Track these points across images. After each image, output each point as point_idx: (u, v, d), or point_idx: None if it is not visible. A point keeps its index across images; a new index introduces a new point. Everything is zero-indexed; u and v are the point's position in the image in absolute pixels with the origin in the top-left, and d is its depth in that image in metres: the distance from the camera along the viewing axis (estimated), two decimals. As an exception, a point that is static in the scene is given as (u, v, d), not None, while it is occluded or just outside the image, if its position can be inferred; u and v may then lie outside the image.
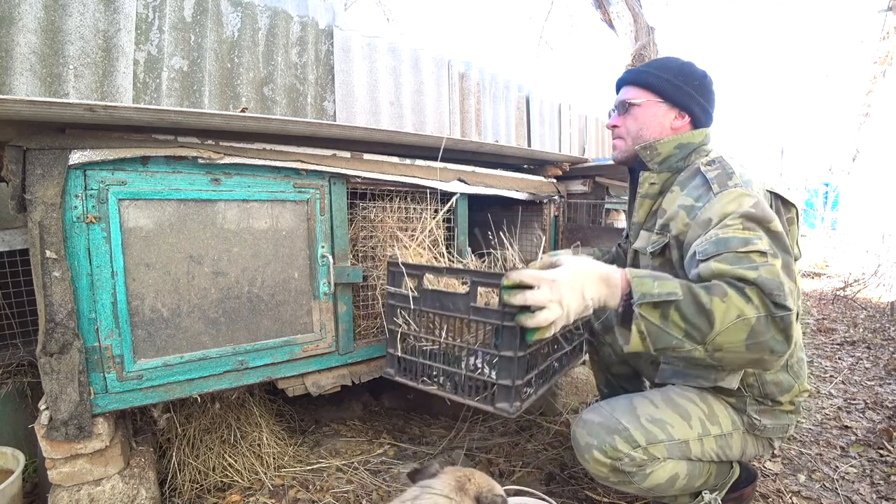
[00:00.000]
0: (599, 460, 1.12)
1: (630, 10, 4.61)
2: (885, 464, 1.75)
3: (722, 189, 1.06)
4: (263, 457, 1.65)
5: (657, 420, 1.14)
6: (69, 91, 2.20)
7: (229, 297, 1.28)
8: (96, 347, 1.11)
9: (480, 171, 1.81)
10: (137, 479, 1.22)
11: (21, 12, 2.07)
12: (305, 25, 3.05)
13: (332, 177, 1.43)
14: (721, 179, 1.09)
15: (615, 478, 1.14)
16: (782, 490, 1.59)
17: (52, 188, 1.02)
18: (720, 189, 1.06)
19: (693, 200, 1.12)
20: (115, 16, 2.31)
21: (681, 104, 1.24)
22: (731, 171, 1.10)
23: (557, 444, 1.91)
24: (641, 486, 1.14)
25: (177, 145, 1.16)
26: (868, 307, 4.36)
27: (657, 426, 1.13)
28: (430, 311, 1.24)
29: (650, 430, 1.12)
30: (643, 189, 1.29)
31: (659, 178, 1.26)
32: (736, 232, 0.97)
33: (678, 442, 1.13)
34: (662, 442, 1.12)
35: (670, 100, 1.24)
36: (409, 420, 2.25)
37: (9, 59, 2.05)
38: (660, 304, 0.91)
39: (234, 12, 2.77)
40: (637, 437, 1.10)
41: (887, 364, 2.84)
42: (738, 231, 0.97)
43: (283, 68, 2.96)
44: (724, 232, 0.98)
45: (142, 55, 2.44)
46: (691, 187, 1.15)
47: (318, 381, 1.48)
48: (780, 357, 0.90)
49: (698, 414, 1.17)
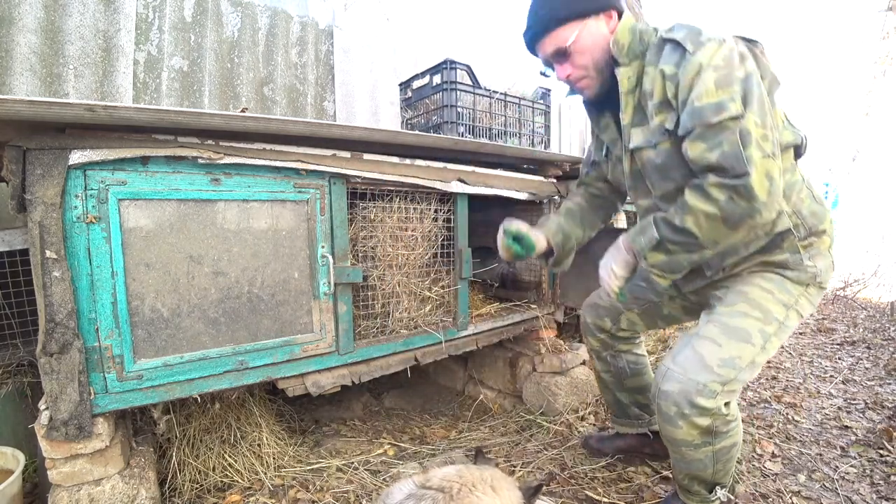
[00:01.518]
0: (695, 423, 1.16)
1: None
2: (885, 464, 1.75)
3: (697, 47, 1.07)
4: (263, 457, 1.65)
5: (725, 360, 1.17)
6: (69, 91, 2.20)
7: (229, 297, 1.28)
8: (96, 347, 1.11)
9: (480, 172, 1.81)
10: (137, 479, 1.22)
11: (21, 12, 2.07)
12: (305, 25, 3.05)
13: (332, 177, 1.43)
14: (692, 37, 1.09)
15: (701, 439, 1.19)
16: (782, 490, 1.59)
17: (52, 188, 1.02)
18: (695, 47, 1.07)
19: (673, 66, 1.11)
20: (115, 16, 2.31)
21: (594, 7, 1.22)
22: (698, 29, 1.11)
23: (557, 444, 1.91)
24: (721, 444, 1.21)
25: (177, 145, 1.16)
26: (868, 307, 4.36)
27: (727, 366, 1.16)
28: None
29: (723, 374, 1.16)
30: (624, 86, 1.25)
31: (632, 68, 1.23)
32: (709, 97, 1.03)
33: (748, 364, 1.18)
34: (735, 379, 1.17)
35: (589, 12, 1.22)
36: (410, 420, 2.25)
37: (9, 59, 2.05)
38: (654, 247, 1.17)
39: (234, 12, 2.77)
40: (714, 388, 1.15)
41: (887, 364, 2.84)
42: (710, 96, 1.03)
43: (283, 68, 2.96)
44: (699, 98, 1.04)
45: (142, 55, 2.44)
46: (664, 56, 1.14)
47: (318, 381, 1.48)
48: (761, 214, 1.05)
49: (756, 326, 1.20)
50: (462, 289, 1.81)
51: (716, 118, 1.02)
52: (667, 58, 1.13)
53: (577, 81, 1.31)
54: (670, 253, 1.16)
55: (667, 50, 1.14)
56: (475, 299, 2.20)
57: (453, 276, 1.82)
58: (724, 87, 1.03)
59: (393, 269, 1.68)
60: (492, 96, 2.34)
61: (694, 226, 1.09)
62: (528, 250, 1.49)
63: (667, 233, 1.14)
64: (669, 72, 1.12)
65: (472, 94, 2.27)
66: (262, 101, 2.90)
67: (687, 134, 1.09)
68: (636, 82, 1.23)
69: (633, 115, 1.27)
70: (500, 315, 2.06)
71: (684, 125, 1.09)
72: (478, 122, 2.31)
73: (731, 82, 1.03)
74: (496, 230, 1.52)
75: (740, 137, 1.01)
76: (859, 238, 6.64)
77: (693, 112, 1.06)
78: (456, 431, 2.08)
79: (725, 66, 1.04)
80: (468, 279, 1.83)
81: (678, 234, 1.13)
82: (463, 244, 1.79)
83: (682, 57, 1.10)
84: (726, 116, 1.02)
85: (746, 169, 1.01)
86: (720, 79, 1.03)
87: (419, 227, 1.71)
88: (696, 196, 1.08)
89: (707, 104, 1.03)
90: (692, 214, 1.09)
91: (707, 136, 1.05)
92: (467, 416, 2.23)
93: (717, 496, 1.30)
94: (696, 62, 1.06)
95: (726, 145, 1.02)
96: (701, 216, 1.08)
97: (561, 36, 1.23)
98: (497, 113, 2.39)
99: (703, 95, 1.04)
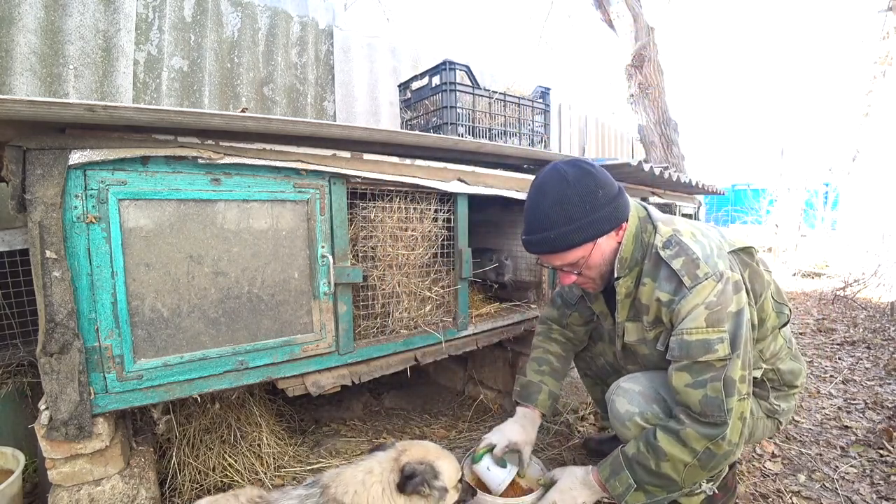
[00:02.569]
0: (641, 426, 1.21)
1: (630, 10, 4.61)
2: (885, 464, 1.75)
3: (694, 283, 1.10)
4: (263, 457, 1.65)
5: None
6: (69, 91, 2.20)
7: (229, 297, 1.28)
8: (96, 347, 1.11)
9: (480, 172, 1.81)
10: (137, 479, 1.22)
11: (21, 12, 2.07)
12: (305, 25, 3.05)
13: (332, 177, 1.43)
14: (689, 269, 1.12)
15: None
16: (782, 490, 1.59)
17: (52, 188, 1.02)
18: (692, 283, 1.10)
19: (669, 295, 1.15)
20: (115, 16, 2.32)
21: (608, 228, 1.18)
22: (695, 257, 1.12)
23: (557, 444, 1.91)
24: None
25: (177, 145, 1.16)
26: (868, 307, 4.36)
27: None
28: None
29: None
30: (622, 293, 1.27)
31: (630, 276, 1.25)
32: (699, 334, 1.07)
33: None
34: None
35: (600, 235, 1.17)
36: (409, 420, 2.25)
37: (9, 59, 2.05)
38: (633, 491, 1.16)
39: (234, 12, 2.77)
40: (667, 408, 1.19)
41: (887, 364, 2.84)
42: (700, 333, 1.07)
43: (283, 68, 2.96)
44: (689, 332, 1.08)
45: (142, 55, 2.45)
46: (662, 280, 1.16)
47: (318, 381, 1.48)
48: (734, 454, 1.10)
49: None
50: (462, 289, 1.81)
51: (703, 357, 1.07)
52: (663, 284, 1.16)
53: (581, 285, 1.33)
54: (649, 493, 1.18)
55: (664, 274, 1.16)
56: (475, 299, 2.20)
57: (453, 276, 1.82)
58: (715, 326, 1.07)
59: (393, 269, 1.68)
60: (491, 96, 2.34)
61: (672, 471, 1.12)
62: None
63: (644, 477, 1.15)
64: (665, 299, 1.15)
65: (471, 94, 2.27)
66: (262, 101, 2.90)
67: (674, 360, 1.12)
68: (633, 287, 1.25)
69: (629, 313, 1.31)
70: (499, 315, 2.06)
71: (672, 351, 1.13)
72: (477, 123, 2.31)
73: (721, 321, 1.07)
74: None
75: (724, 386, 1.06)
76: (859, 238, 6.64)
77: (682, 344, 1.10)
78: (456, 431, 2.08)
79: (718, 303, 1.08)
80: (468, 279, 1.83)
81: (656, 478, 1.14)
82: (463, 244, 1.79)
83: (678, 288, 1.12)
84: (713, 358, 1.06)
85: (726, 420, 1.06)
86: (711, 317, 1.07)
87: (419, 227, 1.71)
88: (672, 443, 1.11)
89: (696, 341, 1.07)
90: (669, 461, 1.11)
91: (693, 370, 1.09)
92: (467, 416, 2.23)
93: (701, 489, 1.30)
94: (692, 302, 1.09)
95: (710, 390, 1.06)
96: (679, 463, 1.10)
97: (571, 256, 1.19)
98: (496, 113, 2.39)
99: (694, 331, 1.08)
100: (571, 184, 1.14)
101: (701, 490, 1.31)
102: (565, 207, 1.13)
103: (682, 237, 1.17)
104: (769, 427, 1.35)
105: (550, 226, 1.15)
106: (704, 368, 1.08)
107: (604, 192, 1.16)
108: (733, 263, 1.16)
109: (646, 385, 1.24)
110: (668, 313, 1.15)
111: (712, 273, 1.09)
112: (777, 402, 1.30)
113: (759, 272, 1.25)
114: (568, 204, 1.13)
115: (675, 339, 1.12)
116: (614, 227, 1.19)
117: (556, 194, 1.14)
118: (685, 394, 1.10)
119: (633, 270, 1.24)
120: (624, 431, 1.25)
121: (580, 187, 1.14)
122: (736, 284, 1.11)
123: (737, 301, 1.10)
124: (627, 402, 1.23)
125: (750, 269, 1.22)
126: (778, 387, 1.31)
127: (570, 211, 1.13)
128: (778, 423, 1.36)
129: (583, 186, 1.14)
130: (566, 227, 1.14)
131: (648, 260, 1.21)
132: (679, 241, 1.16)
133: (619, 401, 1.25)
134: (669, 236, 1.18)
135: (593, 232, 1.16)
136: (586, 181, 1.15)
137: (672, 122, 4.82)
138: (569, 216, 1.13)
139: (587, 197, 1.14)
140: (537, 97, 2.59)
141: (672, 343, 1.13)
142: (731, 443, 1.08)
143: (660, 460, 1.12)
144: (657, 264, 1.18)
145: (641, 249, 1.22)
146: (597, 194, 1.14)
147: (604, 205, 1.15)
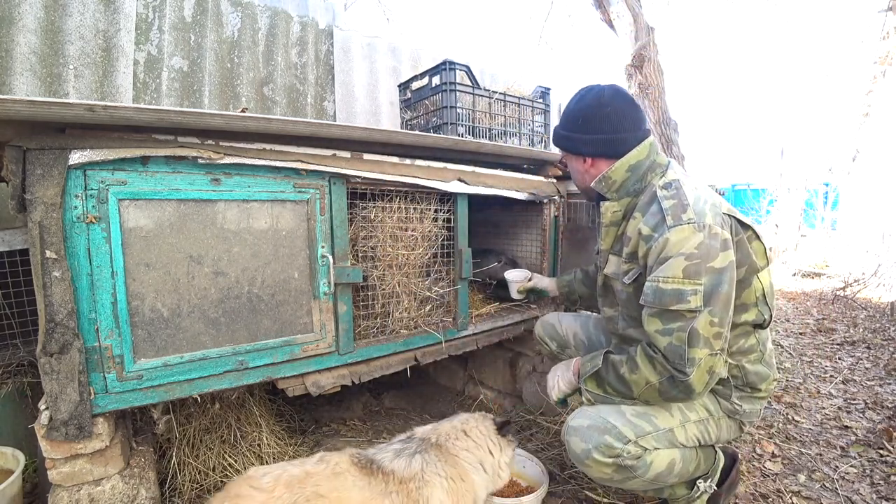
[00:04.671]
0: (601, 461, 1.17)
1: (630, 10, 4.60)
2: (885, 464, 1.75)
3: (675, 223, 1.11)
4: (263, 457, 1.65)
5: (641, 413, 1.21)
6: (69, 91, 2.20)
7: (229, 297, 1.28)
8: (96, 347, 1.11)
9: (480, 171, 1.81)
10: (137, 479, 1.22)
11: (21, 12, 2.07)
12: (305, 25, 3.05)
13: (332, 177, 1.43)
14: (675, 211, 1.13)
15: (619, 475, 1.18)
16: (782, 490, 1.59)
17: (52, 188, 1.02)
18: (674, 223, 1.11)
19: (650, 230, 1.16)
20: (115, 16, 2.32)
21: (584, 153, 1.32)
22: (686, 202, 1.14)
23: (557, 444, 1.91)
24: (646, 477, 1.19)
25: (177, 145, 1.16)
26: (868, 307, 4.36)
27: (642, 419, 1.20)
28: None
29: (637, 424, 1.19)
30: (606, 218, 1.33)
31: (620, 204, 1.31)
32: (674, 283, 1.09)
33: (664, 431, 1.21)
34: (650, 433, 1.19)
35: (576, 152, 1.34)
36: (410, 420, 2.25)
37: (9, 59, 2.05)
38: (593, 375, 1.26)
39: (234, 12, 2.77)
40: (626, 433, 1.17)
41: (887, 364, 2.84)
42: (675, 282, 1.09)
43: (283, 68, 2.96)
44: (665, 281, 1.10)
45: (142, 55, 2.45)
46: (649, 214, 1.19)
47: (318, 381, 1.48)
48: (690, 398, 1.15)
49: (676, 404, 1.25)
50: (462, 289, 1.81)
51: (674, 306, 1.09)
52: (649, 218, 1.19)
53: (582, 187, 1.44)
54: (606, 392, 1.25)
55: (653, 208, 1.19)
56: (475, 299, 2.19)
57: (453, 277, 1.82)
58: (692, 279, 1.08)
59: (393, 269, 1.68)
60: (491, 96, 2.34)
61: (634, 384, 1.17)
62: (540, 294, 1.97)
63: (610, 376, 1.23)
64: (645, 233, 1.18)
65: (471, 94, 2.27)
66: (262, 101, 2.90)
67: (647, 305, 1.15)
68: (623, 215, 1.31)
69: (613, 244, 1.35)
70: (499, 315, 2.06)
71: (646, 296, 1.15)
72: (477, 123, 2.31)
73: (699, 273, 1.08)
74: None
75: (689, 337, 1.08)
76: (859, 238, 6.64)
77: (656, 291, 1.12)
78: (456, 431, 2.08)
79: (698, 256, 1.08)
80: (468, 279, 1.83)
81: (619, 383, 1.21)
82: (463, 244, 1.79)
83: (659, 224, 1.14)
84: (683, 308, 1.08)
85: (685, 369, 1.09)
86: (690, 268, 1.08)
87: (419, 227, 1.71)
88: (646, 361, 1.16)
89: (670, 289, 1.09)
90: (637, 374, 1.16)
91: (663, 317, 1.11)
92: (467, 416, 2.23)
93: (700, 490, 1.32)
94: (666, 240, 1.11)
95: (675, 339, 1.09)
96: (642, 380, 1.16)
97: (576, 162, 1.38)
98: (496, 113, 2.39)
99: (671, 280, 1.09)
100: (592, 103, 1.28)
101: (699, 492, 1.32)
102: (586, 119, 1.29)
103: (683, 185, 1.19)
104: (732, 428, 1.33)
105: (570, 128, 1.33)
106: (674, 317, 1.09)
107: (622, 122, 1.27)
108: (725, 223, 1.16)
109: (593, 416, 1.22)
110: (644, 248, 1.17)
111: (696, 221, 1.10)
112: (739, 403, 1.29)
113: (749, 252, 1.23)
114: (576, 113, 1.31)
115: (649, 285, 1.14)
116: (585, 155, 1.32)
117: (586, 106, 1.29)
118: (654, 338, 1.13)
119: (623, 200, 1.30)
120: (587, 471, 1.22)
121: (593, 108, 1.28)
122: (724, 242, 1.11)
123: (722, 258, 1.10)
124: (581, 441, 1.20)
125: (740, 246, 1.20)
126: (741, 386, 1.29)
127: (573, 117, 1.32)
128: (741, 425, 1.34)
129: (612, 108, 1.26)
130: (578, 135, 1.31)
131: (645, 195, 1.25)
132: (678, 186, 1.19)
133: (572, 441, 1.23)
134: (672, 180, 1.22)
135: (593, 149, 1.30)
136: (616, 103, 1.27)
137: (672, 122, 4.82)
138: (584, 128, 1.30)
139: (607, 119, 1.26)
140: (537, 97, 2.59)
141: (647, 288, 1.15)
142: (691, 389, 1.11)
143: (631, 371, 1.18)
144: (651, 200, 1.21)
145: (639, 183, 1.28)
146: (613, 121, 1.26)
147: (615, 132, 1.26)
